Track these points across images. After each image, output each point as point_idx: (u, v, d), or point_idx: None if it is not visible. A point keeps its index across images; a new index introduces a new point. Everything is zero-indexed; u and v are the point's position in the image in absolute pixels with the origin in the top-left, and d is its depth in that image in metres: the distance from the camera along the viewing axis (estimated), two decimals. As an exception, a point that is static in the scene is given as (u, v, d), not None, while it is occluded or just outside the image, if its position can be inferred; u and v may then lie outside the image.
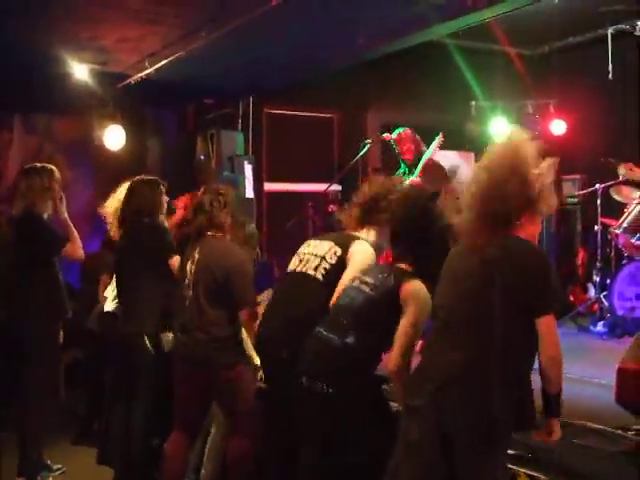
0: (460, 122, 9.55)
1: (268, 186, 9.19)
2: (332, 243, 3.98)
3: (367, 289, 3.56)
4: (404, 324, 3.37)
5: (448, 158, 9.29)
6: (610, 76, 9.07)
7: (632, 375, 3.85)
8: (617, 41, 9.16)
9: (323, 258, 3.92)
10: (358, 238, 4.01)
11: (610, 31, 9.16)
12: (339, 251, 3.93)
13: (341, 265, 3.87)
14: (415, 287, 3.44)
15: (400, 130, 6.75)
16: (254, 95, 8.78)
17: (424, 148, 6.78)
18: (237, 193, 4.81)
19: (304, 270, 3.96)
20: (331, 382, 3.42)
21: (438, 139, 6.67)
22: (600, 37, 9.33)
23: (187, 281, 4.29)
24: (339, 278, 3.81)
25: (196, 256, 4.28)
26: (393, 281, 3.47)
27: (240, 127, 8.75)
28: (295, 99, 9.05)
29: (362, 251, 3.92)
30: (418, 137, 6.76)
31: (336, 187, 8.16)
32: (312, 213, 7.55)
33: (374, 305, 3.49)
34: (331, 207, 8.39)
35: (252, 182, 8.34)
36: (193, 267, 4.26)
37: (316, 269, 3.91)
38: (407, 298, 3.39)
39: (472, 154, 9.98)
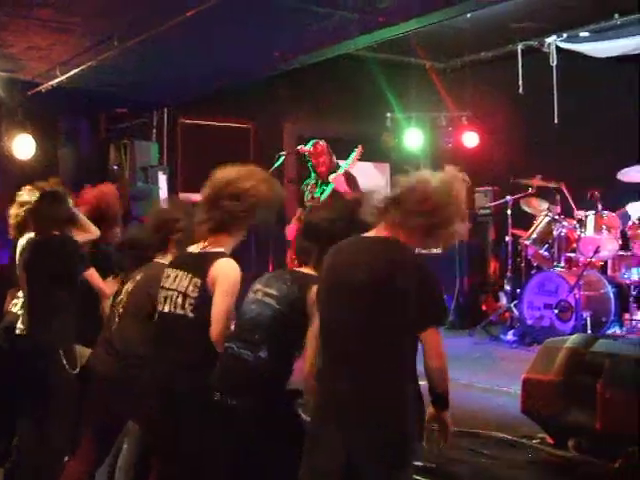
0: (375, 133, 9.66)
1: (183, 197, 9.08)
2: (190, 275, 3.65)
3: (272, 301, 3.50)
4: (313, 331, 3.33)
5: (363, 169, 9.40)
6: (520, 90, 9.34)
7: (536, 385, 3.94)
8: (527, 57, 9.44)
9: (185, 294, 3.62)
10: (214, 256, 3.66)
11: (520, 47, 9.43)
12: (199, 281, 3.61)
13: (206, 295, 3.58)
14: None
15: (315, 142, 6.77)
16: (169, 105, 8.70)
17: (336, 161, 6.83)
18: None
19: (172, 311, 3.67)
20: (244, 398, 3.38)
21: (356, 152, 6.70)
22: (511, 53, 9.59)
23: (120, 299, 4.19)
24: (210, 308, 3.56)
25: (137, 278, 4.18)
26: (297, 290, 3.44)
27: (155, 137, 8.64)
28: (211, 109, 8.99)
29: (225, 270, 3.59)
30: (330, 150, 6.82)
31: (252, 198, 8.12)
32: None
33: (283, 318, 3.45)
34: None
35: (167, 193, 8.25)
36: (130, 287, 4.17)
37: (183, 307, 3.61)
38: (313, 304, 3.35)
39: (387, 165, 10.11)
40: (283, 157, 6.95)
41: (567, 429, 3.83)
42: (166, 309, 3.71)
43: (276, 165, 6.93)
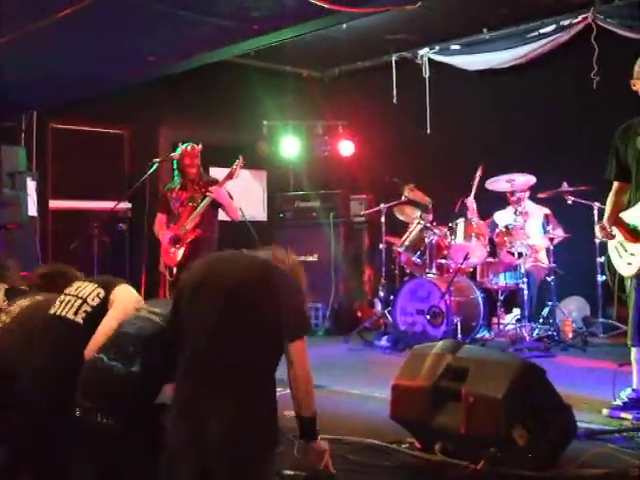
0: (252, 141, 9.66)
1: (54, 204, 8.80)
2: (96, 285, 3.77)
3: (157, 319, 3.47)
4: None
5: (240, 176, 9.37)
6: (394, 100, 9.55)
7: (405, 391, 4.01)
8: (401, 68, 9.67)
9: (85, 300, 3.68)
10: (124, 282, 3.86)
11: (394, 58, 9.67)
12: (102, 293, 3.71)
13: (103, 308, 3.66)
14: None
15: (184, 146, 6.66)
16: (38, 108, 8.42)
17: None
18: None
19: (63, 314, 3.67)
20: (111, 412, 3.29)
21: (238, 163, 6.62)
22: (386, 63, 9.81)
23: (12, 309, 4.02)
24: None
25: (39, 297, 4.05)
26: None
27: (23, 142, 8.33)
28: (84, 114, 8.75)
29: (126, 294, 3.77)
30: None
31: (126, 205, 7.98)
32: (97, 233, 7.29)
33: (164, 335, 3.41)
34: (121, 225, 8.19)
35: (36, 200, 7.96)
36: (26, 303, 4.02)
37: (77, 312, 3.64)
38: None
39: (264, 172, 10.13)
40: (157, 164, 6.83)
41: (434, 433, 3.91)
42: (57, 312, 3.67)
43: (149, 172, 6.81)
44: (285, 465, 3.58)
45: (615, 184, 4.80)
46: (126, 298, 3.73)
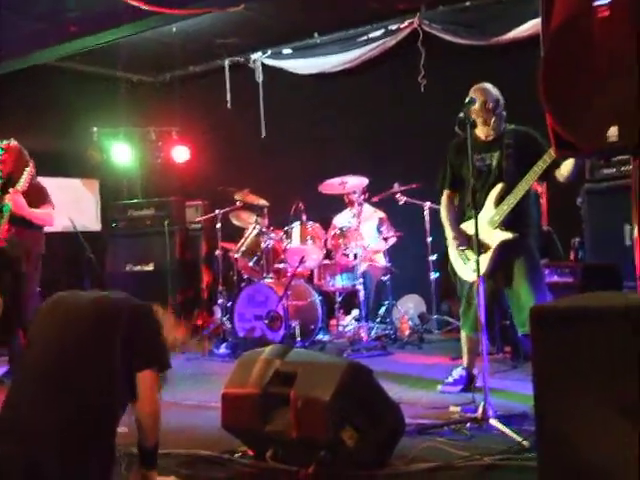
0: (82, 148, 9.31)
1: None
2: None
3: None
4: None
5: (71, 186, 9.08)
6: (229, 105, 9.51)
7: (234, 399, 3.93)
8: (234, 72, 9.63)
9: None
10: None
11: (227, 63, 9.62)
12: None
13: None
14: None
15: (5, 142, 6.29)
16: None
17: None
18: None
19: None
20: None
21: (28, 170, 6.19)
22: (219, 68, 9.74)
23: None
24: None
25: None
26: None
27: None
28: None
29: None
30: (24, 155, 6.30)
31: None
32: None
33: None
34: None
35: None
36: None
37: None
38: None
39: (96, 181, 9.80)
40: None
41: (266, 440, 3.84)
42: None
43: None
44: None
45: (447, 192, 5.20)
46: None
